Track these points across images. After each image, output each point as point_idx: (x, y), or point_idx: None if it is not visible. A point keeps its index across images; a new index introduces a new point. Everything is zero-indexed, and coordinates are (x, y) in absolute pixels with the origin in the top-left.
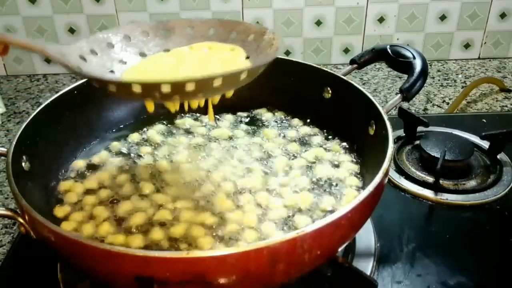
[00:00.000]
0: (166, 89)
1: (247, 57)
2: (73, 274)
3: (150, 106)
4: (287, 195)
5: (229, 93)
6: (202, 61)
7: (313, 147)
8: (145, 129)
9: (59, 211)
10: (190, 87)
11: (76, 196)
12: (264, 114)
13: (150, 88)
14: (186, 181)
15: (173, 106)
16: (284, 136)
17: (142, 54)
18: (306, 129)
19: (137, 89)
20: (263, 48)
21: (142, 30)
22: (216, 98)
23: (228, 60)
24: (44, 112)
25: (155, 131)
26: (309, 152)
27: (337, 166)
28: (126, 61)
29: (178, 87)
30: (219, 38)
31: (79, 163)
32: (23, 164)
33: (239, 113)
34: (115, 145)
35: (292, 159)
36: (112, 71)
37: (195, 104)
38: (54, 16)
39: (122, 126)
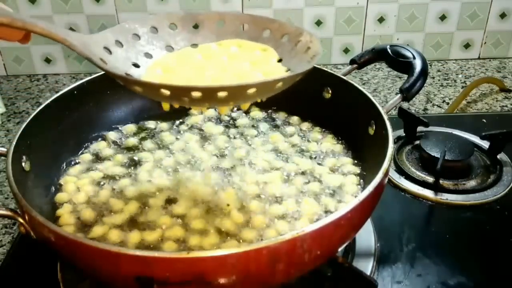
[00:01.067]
0: (197, 95)
1: (279, 60)
2: (73, 274)
3: (166, 106)
4: (287, 197)
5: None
6: (231, 60)
7: (313, 147)
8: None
9: (59, 211)
10: (222, 94)
11: (76, 196)
12: (264, 115)
13: (180, 92)
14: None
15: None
16: (284, 136)
17: (169, 48)
18: (305, 129)
19: (165, 92)
20: (298, 51)
21: (170, 22)
22: (246, 105)
23: (259, 61)
24: (44, 112)
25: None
26: (308, 152)
27: (336, 166)
28: (152, 54)
29: (209, 94)
30: (250, 36)
31: (79, 162)
32: (23, 164)
33: (238, 113)
34: (115, 143)
35: (291, 158)
36: (136, 65)
37: (224, 110)
38: (54, 16)
39: (122, 125)
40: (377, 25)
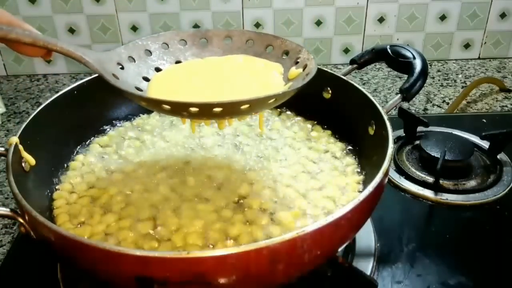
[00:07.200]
0: (194, 110)
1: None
2: (73, 274)
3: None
4: (288, 198)
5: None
6: (234, 72)
7: (312, 147)
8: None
9: (56, 210)
10: (217, 109)
11: (76, 196)
12: (264, 114)
13: (179, 107)
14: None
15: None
16: (284, 136)
17: (178, 63)
18: (305, 129)
19: (166, 107)
20: (297, 67)
21: (180, 38)
22: (245, 117)
23: (261, 74)
24: (44, 112)
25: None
26: (308, 152)
27: (336, 166)
28: (162, 69)
29: (205, 109)
30: (255, 52)
31: (80, 162)
32: (23, 164)
33: None
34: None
35: (291, 158)
36: (147, 79)
37: (222, 125)
38: (54, 16)
39: (122, 125)
40: (377, 25)
